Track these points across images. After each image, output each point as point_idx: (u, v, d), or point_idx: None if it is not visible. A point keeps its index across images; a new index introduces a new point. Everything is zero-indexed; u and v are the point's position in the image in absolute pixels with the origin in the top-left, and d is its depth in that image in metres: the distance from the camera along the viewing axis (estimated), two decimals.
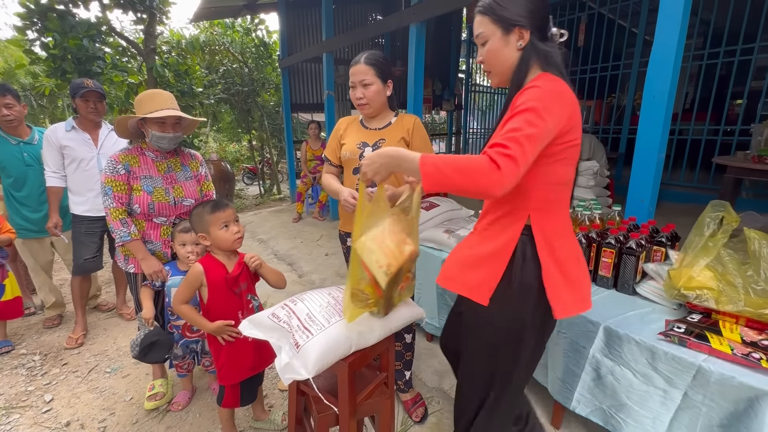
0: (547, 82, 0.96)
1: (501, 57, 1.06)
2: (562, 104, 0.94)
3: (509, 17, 1.02)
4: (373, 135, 1.68)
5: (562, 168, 1.01)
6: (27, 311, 2.97)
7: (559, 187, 1.04)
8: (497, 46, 1.05)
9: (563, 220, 1.08)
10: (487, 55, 1.09)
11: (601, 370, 1.42)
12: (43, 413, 1.96)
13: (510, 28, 1.03)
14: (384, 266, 1.05)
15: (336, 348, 1.13)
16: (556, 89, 0.95)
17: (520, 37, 1.03)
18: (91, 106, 2.37)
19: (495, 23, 1.04)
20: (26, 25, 4.27)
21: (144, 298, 1.76)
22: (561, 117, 0.94)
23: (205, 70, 6.99)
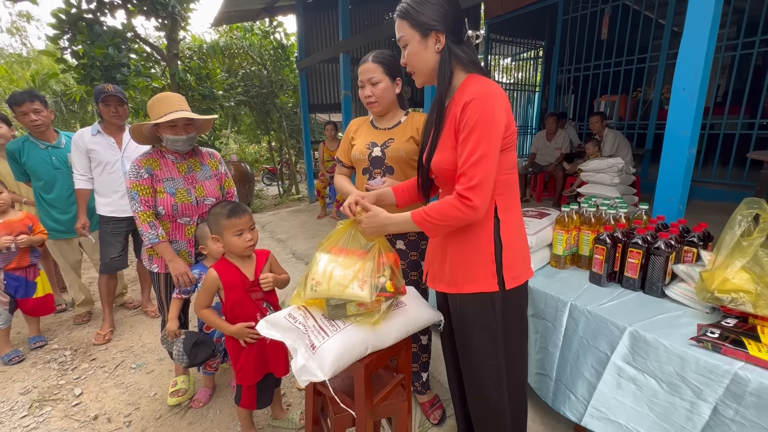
0: (479, 90, 1.03)
1: (421, 59, 1.14)
2: (499, 106, 1.03)
3: (425, 21, 1.09)
4: (383, 135, 1.67)
5: (510, 154, 1.12)
6: (58, 308, 3.10)
7: (511, 170, 1.15)
8: (417, 49, 1.13)
9: (516, 199, 1.20)
10: (409, 57, 1.16)
11: (622, 379, 1.35)
12: (72, 406, 2.04)
13: (427, 32, 1.10)
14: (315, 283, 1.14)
15: (352, 349, 1.13)
16: (489, 92, 1.03)
17: (437, 41, 1.11)
18: (112, 110, 2.44)
19: (413, 27, 1.11)
20: (57, 35, 4.47)
21: (171, 309, 1.81)
22: (502, 118, 1.03)
23: (225, 74, 7.14)
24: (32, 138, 2.58)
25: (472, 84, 1.07)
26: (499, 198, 1.13)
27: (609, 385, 1.36)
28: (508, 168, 1.13)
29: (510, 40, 7.91)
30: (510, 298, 1.17)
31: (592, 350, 1.44)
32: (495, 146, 1.02)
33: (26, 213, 2.52)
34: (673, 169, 1.75)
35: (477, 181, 1.01)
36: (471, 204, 1.02)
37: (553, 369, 1.58)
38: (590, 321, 1.45)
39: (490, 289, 1.14)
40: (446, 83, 1.12)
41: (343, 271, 1.13)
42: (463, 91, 1.08)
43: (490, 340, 1.18)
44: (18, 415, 1.98)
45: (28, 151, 2.55)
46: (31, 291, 2.50)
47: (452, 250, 1.18)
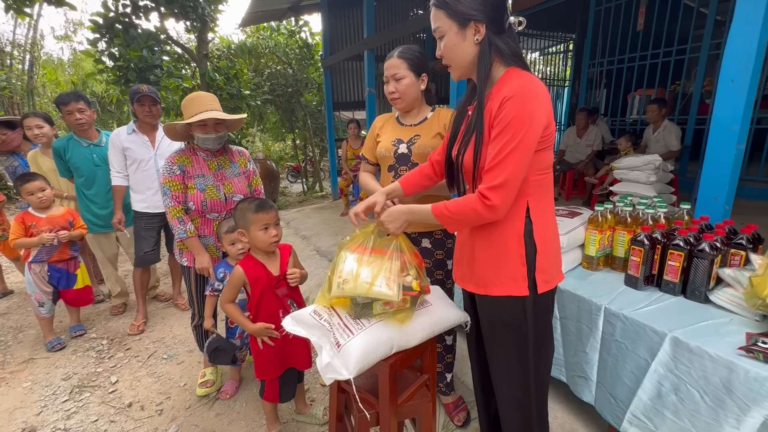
0: (520, 87, 0.96)
1: (459, 52, 1.06)
2: (540, 105, 0.96)
3: (464, 11, 1.01)
4: (408, 131, 1.64)
5: (546, 153, 1.06)
6: (96, 299, 3.26)
7: (547, 170, 1.09)
8: (454, 41, 1.05)
9: (550, 200, 1.14)
10: (445, 50, 1.08)
11: (663, 387, 1.28)
12: (109, 393, 2.14)
13: (465, 23, 1.02)
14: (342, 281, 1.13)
15: (377, 348, 1.12)
16: (530, 89, 0.96)
17: (477, 31, 1.03)
18: (146, 110, 2.53)
19: (450, 18, 1.03)
20: (96, 38, 4.69)
21: (207, 307, 1.86)
22: (542, 118, 0.97)
23: (252, 73, 7.28)
24: (76, 136, 2.71)
25: (512, 79, 1.00)
26: (531, 199, 1.07)
27: (649, 392, 1.30)
28: (544, 168, 1.07)
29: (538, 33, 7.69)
30: (540, 302, 1.13)
31: (631, 355, 1.38)
32: (527, 147, 0.96)
33: (67, 208, 2.65)
34: (719, 166, 1.64)
35: (500, 181, 0.97)
36: (490, 204, 0.98)
37: (593, 372, 1.52)
38: (627, 326, 1.38)
39: (520, 293, 1.09)
40: (486, 77, 1.04)
41: (370, 270, 1.12)
42: (502, 85, 1.02)
43: (519, 343, 1.14)
44: (60, 399, 2.09)
45: (72, 149, 2.69)
46: (72, 282, 2.63)
47: (481, 251, 1.14)
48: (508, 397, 1.22)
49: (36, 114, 2.93)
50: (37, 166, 2.90)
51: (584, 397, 1.57)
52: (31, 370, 2.37)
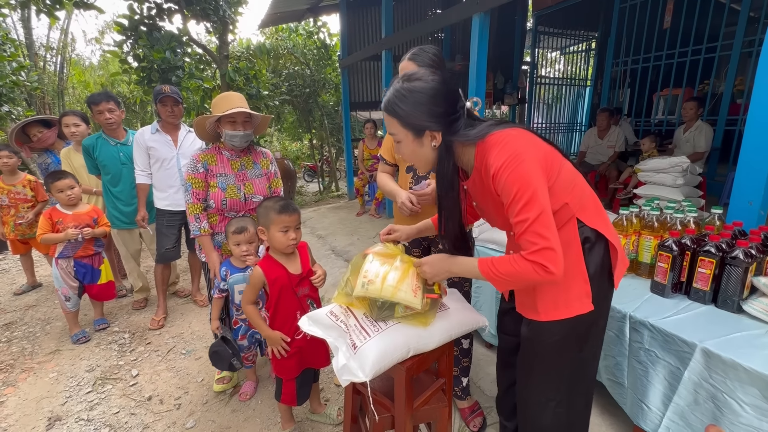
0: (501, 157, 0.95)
1: (419, 156, 1.08)
2: (528, 163, 0.94)
3: (418, 123, 1.01)
4: None
5: (562, 175, 1.02)
6: (119, 293, 3.35)
7: (573, 185, 1.05)
8: (412, 147, 1.06)
9: (596, 201, 1.11)
10: (404, 154, 1.10)
11: (699, 395, 1.23)
12: (130, 386, 2.19)
13: (420, 133, 1.03)
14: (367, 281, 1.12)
15: (394, 351, 1.10)
16: (512, 155, 0.94)
17: (433, 138, 1.03)
18: (168, 110, 2.58)
19: (405, 128, 1.03)
20: (122, 40, 4.83)
21: (213, 309, 1.89)
22: (538, 172, 0.95)
23: (270, 74, 7.38)
24: (104, 135, 2.80)
25: (490, 149, 0.98)
26: (580, 213, 1.05)
27: (686, 399, 1.26)
28: (569, 184, 1.04)
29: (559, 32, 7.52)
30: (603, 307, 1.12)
31: (662, 364, 1.33)
32: (542, 200, 0.94)
33: (92, 206, 2.73)
34: (754, 168, 1.56)
35: (542, 245, 0.93)
36: (549, 270, 0.93)
37: (623, 377, 1.47)
38: (655, 335, 1.33)
39: (585, 309, 1.07)
40: (449, 174, 1.06)
41: (397, 274, 1.11)
42: (484, 158, 1.00)
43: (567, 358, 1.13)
44: (84, 390, 2.16)
45: (101, 147, 2.77)
46: (97, 277, 2.72)
47: None
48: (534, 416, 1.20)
49: (74, 113, 3.04)
50: (69, 163, 3.00)
51: (619, 401, 1.52)
52: (57, 361, 2.45)
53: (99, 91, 3.12)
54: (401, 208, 1.55)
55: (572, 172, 1.05)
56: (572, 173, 1.05)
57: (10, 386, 2.22)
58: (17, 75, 5.58)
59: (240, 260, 1.85)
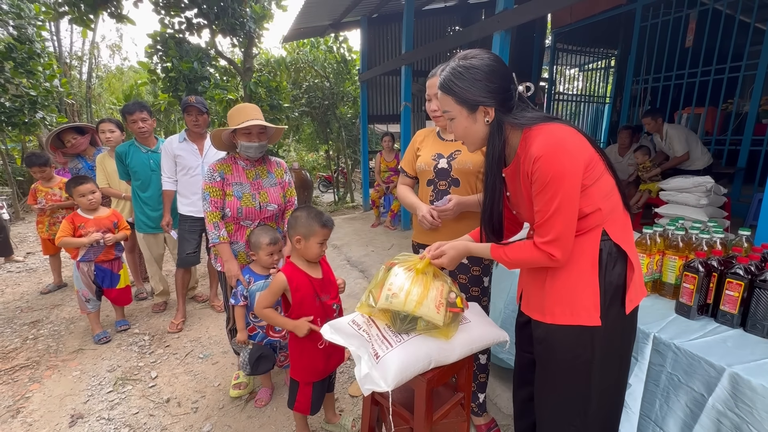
0: (546, 144, 0.97)
1: (470, 132, 1.12)
2: (570, 155, 0.97)
3: (472, 99, 1.05)
4: (449, 146, 1.65)
5: (601, 181, 1.03)
6: (140, 296, 3.44)
7: (610, 195, 1.06)
8: (465, 124, 1.10)
9: (626, 219, 1.11)
10: (456, 130, 1.14)
11: (723, 425, 1.19)
12: (149, 387, 2.23)
13: (474, 108, 1.07)
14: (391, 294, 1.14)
15: (415, 362, 1.11)
16: (557, 143, 0.97)
17: (486, 114, 1.07)
18: (193, 119, 2.67)
19: (459, 104, 1.08)
20: (152, 52, 5.06)
21: (238, 320, 1.92)
22: (577, 167, 0.97)
23: (291, 86, 7.58)
24: (136, 142, 2.92)
25: (535, 138, 1.01)
26: (608, 224, 1.06)
27: (708, 429, 1.21)
28: (607, 193, 1.05)
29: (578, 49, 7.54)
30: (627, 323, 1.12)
31: (684, 389, 1.29)
32: (571, 198, 0.98)
33: (113, 210, 2.82)
34: None
35: (554, 236, 1.01)
36: (554, 258, 1.03)
37: (636, 403, 1.42)
38: (680, 357, 1.30)
39: (591, 322, 1.07)
40: (498, 152, 1.09)
41: (421, 289, 1.13)
42: (527, 146, 1.03)
43: (581, 374, 1.11)
44: (105, 389, 2.21)
45: (132, 154, 2.89)
46: (116, 282, 2.77)
47: (553, 281, 1.11)
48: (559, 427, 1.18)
49: (110, 120, 3.19)
50: (103, 168, 3.13)
51: (623, 428, 1.48)
52: (80, 359, 2.52)
53: (132, 101, 3.26)
54: (421, 221, 1.57)
55: (612, 185, 1.06)
56: (612, 186, 1.06)
57: (35, 382, 2.29)
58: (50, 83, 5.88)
59: (264, 268, 1.89)
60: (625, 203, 1.11)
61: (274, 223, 2.05)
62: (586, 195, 1.01)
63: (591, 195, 1.01)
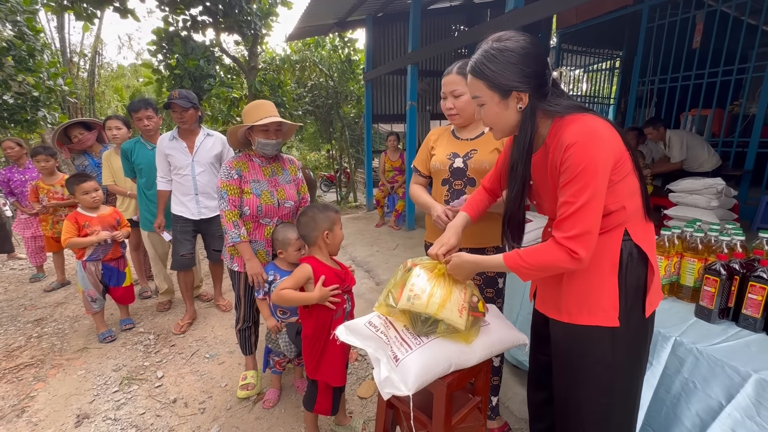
0: (580, 132, 0.94)
1: (501, 119, 1.06)
2: (604, 146, 0.93)
3: (506, 84, 1.00)
4: (465, 146, 1.63)
5: (628, 180, 1.01)
6: (144, 294, 3.41)
7: (634, 195, 1.03)
8: (496, 110, 1.05)
9: (648, 220, 1.09)
10: (486, 117, 1.09)
11: None
12: (155, 387, 2.21)
13: (507, 94, 1.01)
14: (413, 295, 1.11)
15: (435, 365, 1.09)
16: (591, 133, 0.93)
17: (519, 100, 1.02)
18: (178, 116, 2.49)
19: (491, 89, 1.02)
20: (157, 49, 5.03)
21: (263, 310, 1.92)
22: (608, 159, 0.94)
23: (295, 84, 7.55)
24: (142, 140, 2.88)
25: (568, 126, 0.97)
26: (631, 224, 1.03)
27: None
28: (632, 192, 1.03)
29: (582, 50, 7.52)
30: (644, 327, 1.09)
31: (699, 396, 1.27)
32: (600, 191, 0.94)
33: (113, 208, 2.77)
34: None
35: (579, 231, 0.95)
36: (577, 256, 0.95)
37: (642, 410, 1.40)
38: (700, 362, 1.28)
39: (609, 323, 1.04)
40: (530, 140, 1.04)
41: (444, 291, 1.11)
42: (559, 135, 0.99)
43: (600, 377, 1.08)
44: (111, 389, 2.19)
45: (138, 151, 2.85)
46: (122, 280, 2.75)
47: (570, 278, 1.09)
48: None
49: (117, 117, 3.16)
50: (109, 165, 3.10)
51: None
52: (85, 358, 2.49)
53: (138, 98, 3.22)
54: (436, 222, 1.55)
55: (636, 186, 1.03)
56: (636, 186, 1.03)
57: (40, 381, 2.27)
58: (53, 81, 5.85)
59: (290, 264, 1.87)
60: (648, 206, 1.08)
61: (290, 221, 2.03)
62: (612, 191, 0.98)
63: (617, 192, 0.98)
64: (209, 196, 2.68)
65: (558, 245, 0.97)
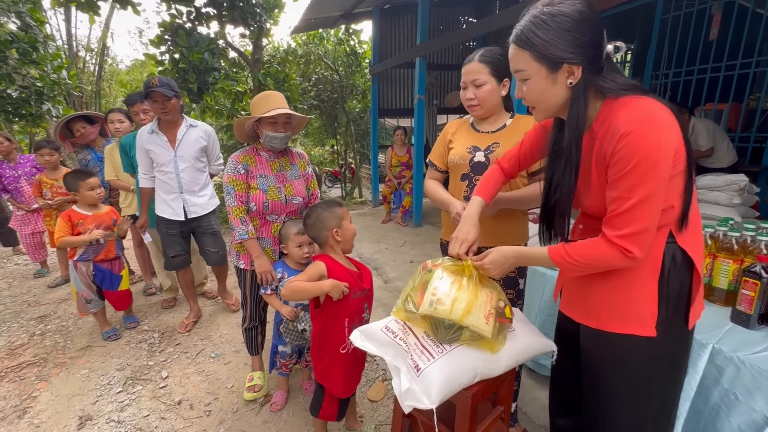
0: (638, 118, 0.83)
1: (548, 96, 0.94)
2: (666, 134, 0.82)
3: (557, 54, 0.87)
4: (486, 139, 1.53)
5: (683, 177, 0.90)
6: (149, 291, 3.36)
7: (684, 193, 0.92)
8: (543, 85, 0.93)
9: (698, 221, 0.98)
10: (530, 93, 0.96)
11: None
12: (160, 388, 2.15)
13: (557, 66, 0.89)
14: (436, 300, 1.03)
15: (460, 376, 1.01)
16: (650, 118, 0.82)
17: (570, 74, 0.90)
18: (159, 106, 2.26)
19: (538, 60, 0.90)
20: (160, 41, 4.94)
21: (274, 303, 1.84)
22: (669, 147, 0.83)
23: (300, 78, 7.45)
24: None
25: (621, 110, 0.86)
26: (676, 226, 0.93)
27: None
28: (683, 189, 0.92)
29: None
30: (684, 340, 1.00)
31: (742, 408, 1.18)
32: (659, 185, 0.84)
33: (110, 208, 2.63)
34: None
35: (635, 229, 0.85)
36: (632, 255, 0.87)
37: (679, 422, 1.32)
38: (742, 372, 1.19)
39: (645, 333, 0.95)
40: (582, 120, 0.92)
41: (469, 295, 1.02)
42: (610, 119, 0.88)
43: (637, 392, 1.00)
44: (114, 389, 2.13)
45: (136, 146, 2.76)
46: (117, 284, 2.58)
47: (601, 280, 0.99)
48: None
49: (120, 110, 3.08)
50: (112, 159, 3.02)
51: None
52: (88, 357, 2.44)
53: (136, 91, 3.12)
54: (455, 219, 1.46)
55: (688, 181, 0.91)
56: (688, 181, 0.91)
57: (43, 380, 2.22)
58: (57, 74, 5.79)
59: (298, 262, 1.80)
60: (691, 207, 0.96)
61: (298, 217, 1.95)
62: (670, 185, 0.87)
63: (671, 187, 0.88)
64: (195, 194, 2.51)
65: (609, 243, 0.88)
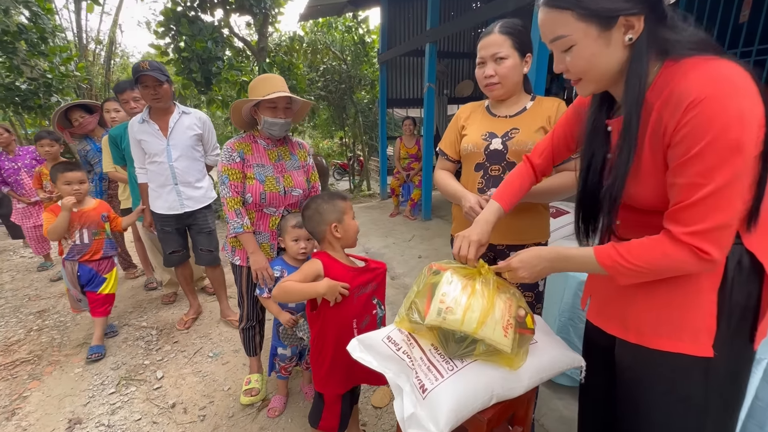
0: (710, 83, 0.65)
1: (600, 62, 0.76)
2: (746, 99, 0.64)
3: (608, 7, 0.70)
4: (504, 124, 1.36)
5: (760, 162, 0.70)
6: (150, 286, 3.27)
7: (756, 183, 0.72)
8: (593, 49, 0.75)
9: None
10: (577, 62, 0.77)
11: None
12: (154, 390, 2.05)
13: (611, 22, 0.72)
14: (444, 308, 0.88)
15: (474, 399, 0.86)
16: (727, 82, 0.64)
17: (629, 29, 0.72)
18: (151, 92, 2.12)
19: (585, 19, 0.73)
20: (164, 31, 4.83)
21: (272, 307, 1.71)
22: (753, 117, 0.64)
23: (307, 68, 7.28)
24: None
25: (688, 73, 0.69)
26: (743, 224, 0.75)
27: None
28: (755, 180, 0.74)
29: None
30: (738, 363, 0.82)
31: None
32: (743, 169, 0.66)
33: (100, 201, 2.44)
34: None
35: (712, 224, 0.68)
36: (709, 257, 0.69)
37: None
38: None
39: (699, 352, 0.78)
40: (644, 84, 0.74)
41: (484, 303, 0.87)
42: (671, 86, 0.71)
43: (687, 417, 0.83)
44: (107, 390, 2.04)
45: (128, 137, 2.63)
46: (99, 285, 2.36)
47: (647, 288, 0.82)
48: None
49: (116, 99, 2.96)
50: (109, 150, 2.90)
51: None
52: (83, 355, 2.35)
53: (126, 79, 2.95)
54: (468, 214, 1.29)
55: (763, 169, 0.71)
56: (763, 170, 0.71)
57: (35, 380, 2.14)
58: (66, 66, 5.73)
59: (295, 258, 1.66)
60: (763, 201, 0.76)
61: (298, 210, 1.81)
62: None
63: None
64: (191, 185, 2.35)
65: (677, 242, 0.71)
